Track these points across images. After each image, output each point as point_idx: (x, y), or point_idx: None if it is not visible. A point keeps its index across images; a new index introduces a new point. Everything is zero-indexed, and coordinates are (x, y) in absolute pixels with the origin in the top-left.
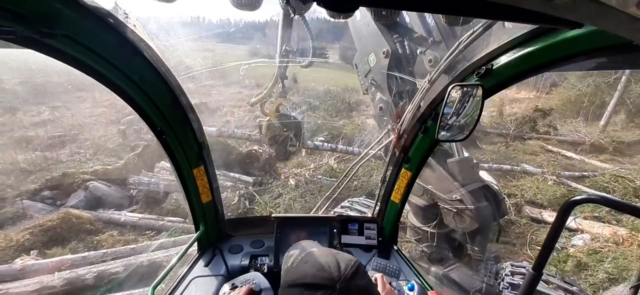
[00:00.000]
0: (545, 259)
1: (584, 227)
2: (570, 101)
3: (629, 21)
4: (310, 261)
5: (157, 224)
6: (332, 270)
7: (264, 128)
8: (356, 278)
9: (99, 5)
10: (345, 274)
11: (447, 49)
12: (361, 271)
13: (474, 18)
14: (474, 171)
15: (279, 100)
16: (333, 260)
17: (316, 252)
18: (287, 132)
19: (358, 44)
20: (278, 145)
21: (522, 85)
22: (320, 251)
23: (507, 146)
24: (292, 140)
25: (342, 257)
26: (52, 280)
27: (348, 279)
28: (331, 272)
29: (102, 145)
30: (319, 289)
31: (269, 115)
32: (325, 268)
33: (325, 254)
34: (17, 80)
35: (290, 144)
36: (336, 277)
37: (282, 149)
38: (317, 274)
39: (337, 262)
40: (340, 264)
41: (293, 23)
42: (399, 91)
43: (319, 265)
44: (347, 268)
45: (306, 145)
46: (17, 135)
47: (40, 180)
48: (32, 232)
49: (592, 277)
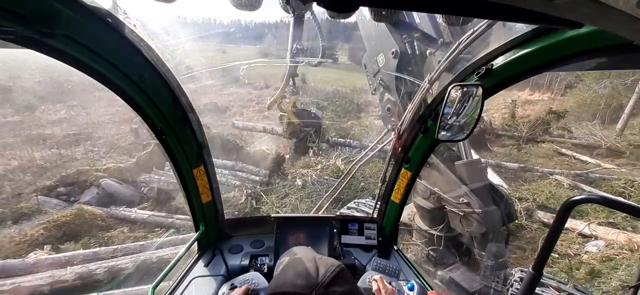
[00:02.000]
0: (544, 259)
1: (599, 233)
2: (586, 103)
3: (629, 21)
4: (291, 268)
5: (167, 221)
6: (310, 276)
7: (285, 122)
8: (335, 283)
9: (99, 5)
10: (323, 281)
11: None
12: (343, 276)
13: (474, 18)
14: (482, 174)
15: (294, 98)
16: (313, 266)
17: (299, 259)
18: (307, 128)
19: (367, 44)
20: (298, 140)
21: (535, 86)
22: (305, 257)
23: (519, 149)
24: (312, 136)
25: (324, 263)
26: (64, 274)
27: (325, 285)
28: (309, 278)
29: (115, 143)
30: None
31: (286, 113)
32: (303, 275)
33: (308, 260)
34: (36, 79)
35: (310, 140)
36: (313, 284)
37: (301, 144)
38: (295, 282)
39: (317, 268)
40: (320, 269)
41: (303, 23)
42: (407, 92)
43: (298, 272)
44: (326, 274)
45: (327, 141)
46: (35, 133)
47: (56, 177)
48: (46, 227)
49: (605, 285)
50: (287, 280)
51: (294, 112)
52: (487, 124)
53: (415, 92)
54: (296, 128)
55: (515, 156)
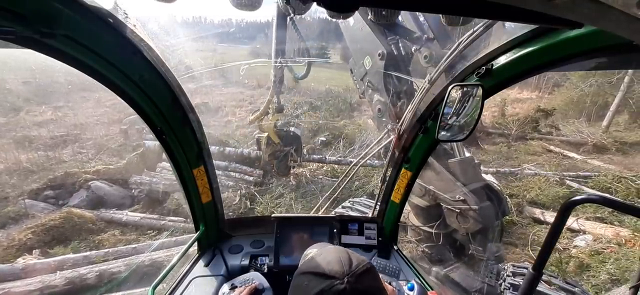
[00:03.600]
0: (545, 259)
1: (587, 228)
2: (573, 101)
3: (629, 21)
4: (324, 255)
5: (159, 223)
6: (343, 264)
7: (263, 144)
8: (366, 277)
9: (99, 5)
10: (355, 270)
11: (440, 44)
12: (374, 274)
13: (474, 18)
14: (476, 171)
15: (276, 116)
16: (346, 256)
17: (332, 249)
18: (287, 147)
19: (353, 48)
20: (278, 161)
21: (524, 85)
22: (337, 249)
23: (509, 146)
24: (293, 155)
25: (356, 257)
26: (54, 279)
27: (358, 275)
28: (342, 266)
29: (105, 145)
30: (327, 278)
31: (267, 132)
32: (336, 262)
33: (340, 251)
34: (20, 79)
35: (291, 159)
36: (346, 272)
37: (282, 165)
38: (328, 266)
39: (350, 259)
40: (353, 261)
41: (287, 23)
42: (397, 91)
43: (331, 258)
44: (358, 265)
45: (307, 159)
46: (20, 135)
47: (43, 180)
48: (35, 232)
49: (594, 278)
50: (320, 264)
51: (275, 131)
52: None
53: (404, 91)
54: (276, 148)
55: (505, 153)
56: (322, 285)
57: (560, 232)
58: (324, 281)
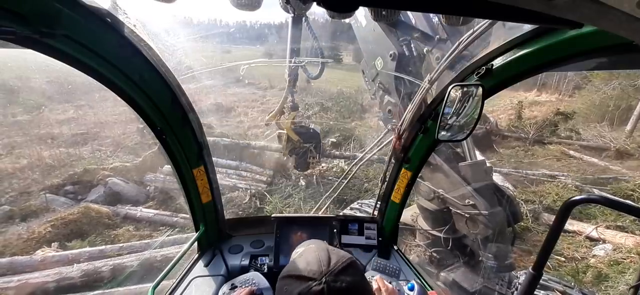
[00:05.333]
0: (545, 260)
1: (606, 236)
2: (595, 105)
3: (629, 21)
4: (304, 255)
5: (172, 220)
6: (321, 264)
7: (284, 140)
8: (345, 273)
9: (99, 5)
10: (333, 269)
11: (453, 44)
12: (354, 268)
13: (474, 18)
14: (488, 175)
15: (293, 113)
16: (325, 255)
17: (313, 248)
18: (307, 144)
19: (364, 49)
20: (298, 157)
21: (543, 87)
22: (319, 247)
23: (526, 150)
24: (312, 152)
25: (336, 253)
26: (71, 271)
27: (336, 273)
28: (320, 265)
29: (122, 142)
30: (307, 280)
31: (286, 129)
32: (315, 261)
33: (321, 250)
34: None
35: (310, 155)
36: (325, 271)
37: (302, 161)
38: (307, 267)
39: (329, 257)
40: (332, 258)
41: (302, 24)
42: (408, 93)
43: (310, 259)
44: (337, 263)
45: (327, 155)
46: (43, 132)
47: (64, 176)
48: (54, 225)
49: (612, 289)
50: (299, 266)
51: (293, 129)
52: (493, 124)
53: (415, 91)
54: (296, 145)
55: (522, 158)
56: (299, 287)
57: (559, 232)
58: (302, 283)
